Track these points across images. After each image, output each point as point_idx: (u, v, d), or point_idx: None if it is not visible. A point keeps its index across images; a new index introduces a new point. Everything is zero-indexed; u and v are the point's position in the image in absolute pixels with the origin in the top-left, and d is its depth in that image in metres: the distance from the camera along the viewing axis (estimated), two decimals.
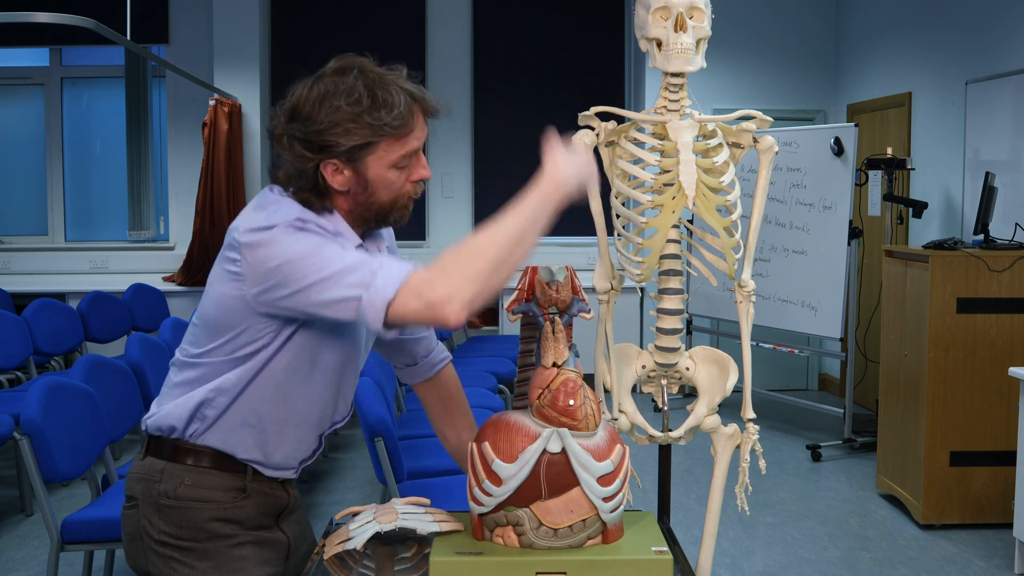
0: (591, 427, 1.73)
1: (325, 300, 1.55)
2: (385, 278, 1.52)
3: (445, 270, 1.51)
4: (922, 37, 5.90)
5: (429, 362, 2.04)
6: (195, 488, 1.72)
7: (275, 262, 1.58)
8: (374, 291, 1.51)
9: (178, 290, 6.84)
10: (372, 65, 1.69)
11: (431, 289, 1.49)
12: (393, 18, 7.44)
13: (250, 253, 1.60)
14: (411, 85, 1.70)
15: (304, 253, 1.57)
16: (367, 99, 1.63)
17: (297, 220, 1.61)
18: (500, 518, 1.73)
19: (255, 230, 1.61)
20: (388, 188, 1.69)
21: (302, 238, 1.59)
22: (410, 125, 1.67)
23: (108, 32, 4.50)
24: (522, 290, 1.84)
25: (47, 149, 7.47)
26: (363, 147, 1.64)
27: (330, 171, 1.66)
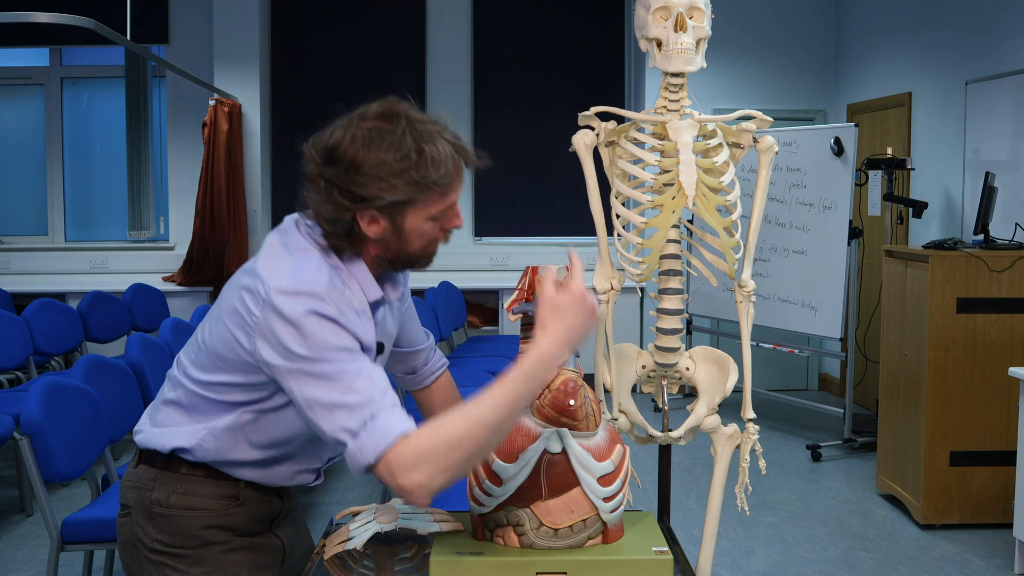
0: (591, 427, 1.73)
1: (319, 424, 1.55)
2: (372, 438, 1.50)
3: (423, 458, 1.48)
4: (922, 37, 5.90)
5: (428, 370, 2.05)
6: (187, 496, 1.72)
7: (294, 346, 1.54)
8: (357, 448, 1.51)
9: (178, 290, 6.85)
10: (417, 112, 1.62)
11: (406, 475, 1.47)
12: (393, 18, 7.44)
13: (273, 319, 1.55)
14: (453, 136, 1.64)
15: (321, 357, 1.53)
16: (415, 154, 1.57)
17: (327, 293, 1.56)
18: (500, 518, 1.73)
19: (284, 293, 1.55)
20: (421, 238, 1.66)
21: (324, 333, 1.54)
22: (455, 182, 1.64)
23: (108, 32, 4.50)
24: (522, 290, 1.84)
25: (47, 149, 7.47)
26: (405, 203, 1.60)
27: (366, 220, 1.61)
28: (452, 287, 6.52)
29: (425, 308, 5.63)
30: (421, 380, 2.06)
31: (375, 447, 1.49)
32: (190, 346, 1.76)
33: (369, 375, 1.55)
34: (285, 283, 1.56)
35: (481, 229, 7.52)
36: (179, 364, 1.77)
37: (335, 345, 1.54)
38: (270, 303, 1.55)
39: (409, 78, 7.42)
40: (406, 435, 1.49)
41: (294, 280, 1.57)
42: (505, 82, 7.50)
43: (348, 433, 1.51)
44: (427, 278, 6.75)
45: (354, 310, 1.60)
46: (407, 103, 1.64)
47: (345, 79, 7.35)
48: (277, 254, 1.64)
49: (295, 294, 1.55)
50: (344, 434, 1.51)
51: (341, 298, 1.58)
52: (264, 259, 1.64)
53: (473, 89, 7.50)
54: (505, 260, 7.43)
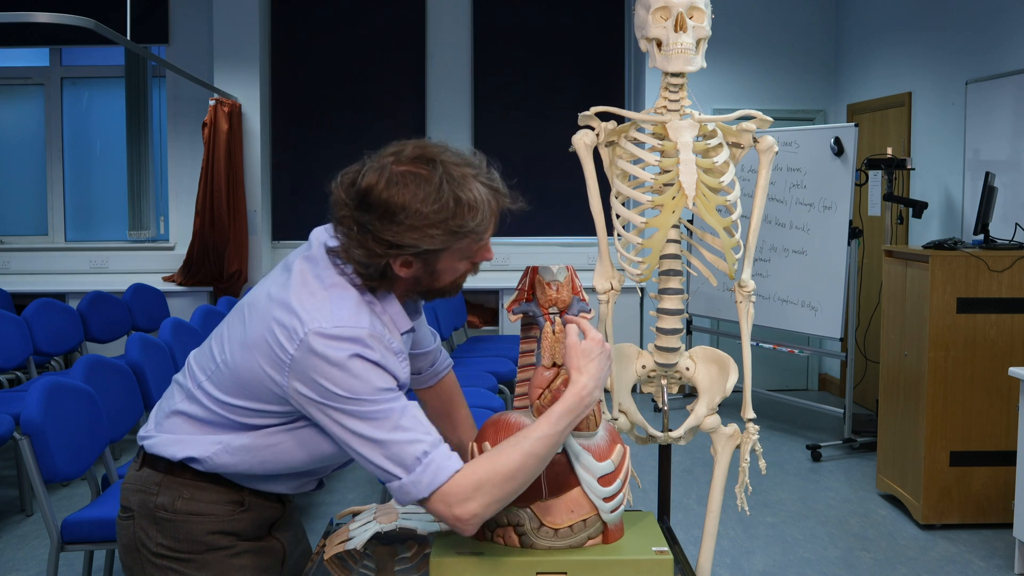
0: (591, 427, 1.73)
1: (364, 455, 1.57)
2: (429, 475, 1.55)
3: (481, 490, 1.56)
4: (922, 37, 5.90)
5: (434, 371, 2.06)
6: (193, 502, 1.70)
7: (337, 389, 1.54)
8: (411, 483, 1.55)
9: (178, 290, 6.85)
10: (451, 155, 1.61)
11: (463, 506, 1.55)
12: (393, 18, 7.44)
13: (312, 361, 1.54)
14: (487, 178, 1.64)
15: (371, 399, 1.54)
16: (452, 203, 1.56)
17: (369, 337, 1.55)
18: (500, 518, 1.73)
19: (325, 337, 1.54)
20: (453, 274, 1.69)
21: (373, 377, 1.55)
22: (490, 225, 1.65)
23: (108, 32, 4.50)
24: (522, 290, 1.84)
25: (47, 149, 7.47)
26: (441, 250, 1.61)
27: (399, 264, 1.61)
28: None
29: (425, 308, 5.59)
30: (426, 380, 2.06)
31: (430, 483, 1.55)
32: (205, 358, 1.72)
33: (413, 413, 1.58)
34: (326, 325, 1.55)
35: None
36: (191, 375, 1.73)
37: (378, 387, 1.55)
38: (308, 345, 1.54)
39: (409, 78, 7.42)
40: (460, 470, 1.56)
41: (335, 322, 1.55)
42: (505, 82, 7.50)
43: (402, 468, 1.55)
44: None
45: (393, 352, 1.60)
46: (440, 145, 1.63)
47: (345, 79, 7.35)
48: (312, 289, 1.61)
49: (338, 339, 1.54)
50: (397, 469, 1.55)
51: (381, 341, 1.58)
52: (298, 293, 1.60)
53: (473, 89, 7.50)
54: (505, 260, 7.43)
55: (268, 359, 1.58)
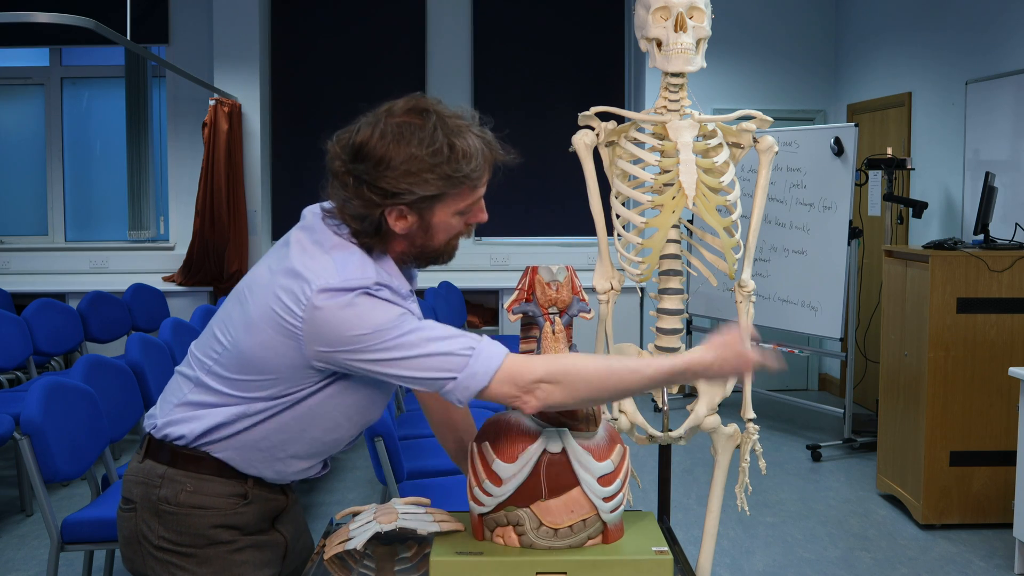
0: (591, 427, 1.73)
1: (412, 376, 1.57)
2: (483, 363, 1.55)
3: (549, 371, 1.57)
4: (922, 37, 5.90)
5: None
6: (196, 495, 1.70)
7: (359, 331, 1.54)
8: (468, 375, 1.55)
9: (178, 290, 6.84)
10: (445, 108, 1.63)
11: (524, 377, 1.57)
12: (393, 18, 7.44)
13: (323, 316, 1.54)
14: (480, 130, 1.65)
15: (393, 325, 1.55)
16: (447, 148, 1.57)
17: (377, 286, 1.57)
18: (500, 518, 1.73)
19: (332, 291, 1.54)
20: (447, 232, 1.68)
21: (388, 309, 1.56)
22: (485, 176, 1.65)
23: (108, 32, 4.50)
24: (522, 290, 1.84)
25: (47, 149, 7.47)
26: (436, 197, 1.60)
27: (394, 216, 1.61)
28: (452, 287, 6.52)
29: (425, 308, 5.63)
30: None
31: (489, 368, 1.55)
32: (209, 344, 1.71)
33: (440, 326, 1.58)
34: (332, 281, 1.55)
35: (481, 229, 7.51)
36: (197, 363, 1.72)
37: (395, 315, 1.56)
38: (314, 304, 1.54)
39: (409, 78, 7.41)
40: (515, 355, 1.57)
41: (342, 278, 1.56)
42: (505, 82, 7.50)
43: (454, 369, 1.55)
44: (427, 278, 6.75)
45: (402, 296, 1.62)
46: (433, 99, 1.64)
47: (345, 79, 7.35)
48: (313, 253, 1.62)
49: (344, 291, 1.54)
50: (449, 371, 1.56)
51: (390, 288, 1.60)
52: (300, 259, 1.61)
53: (473, 89, 7.50)
54: (505, 260, 7.43)
55: (279, 329, 1.58)
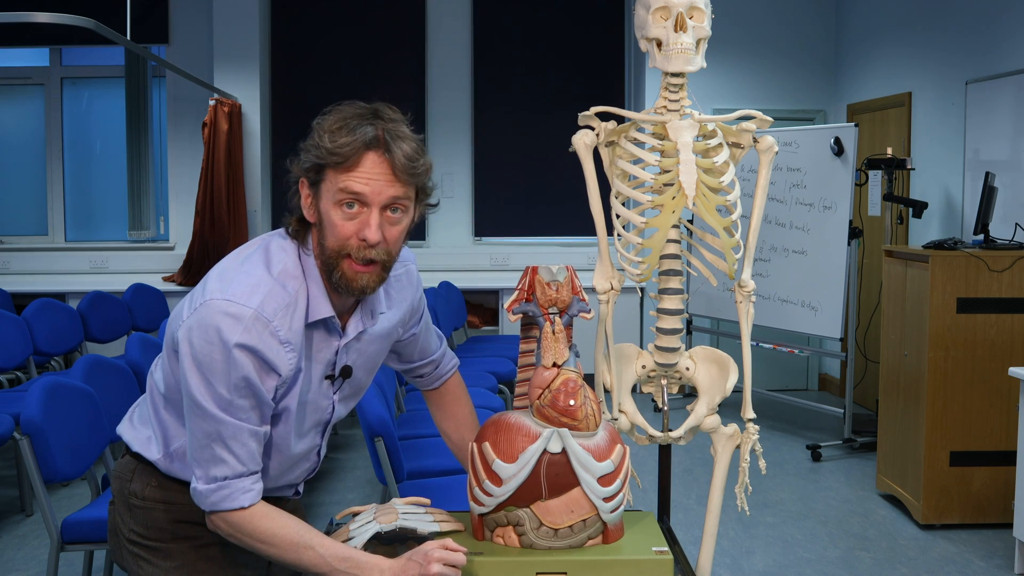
0: (591, 427, 1.73)
1: (188, 437, 1.63)
2: (217, 497, 1.61)
3: (240, 533, 1.63)
4: (922, 37, 5.90)
5: (438, 373, 2.06)
6: (160, 490, 1.74)
7: (198, 355, 1.57)
8: (204, 491, 1.62)
9: (178, 290, 6.84)
10: (390, 112, 1.63)
11: (217, 529, 1.65)
12: (393, 18, 7.44)
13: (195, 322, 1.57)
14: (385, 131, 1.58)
15: (213, 395, 1.57)
16: (337, 126, 1.57)
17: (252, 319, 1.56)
18: (500, 518, 1.73)
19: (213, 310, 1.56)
20: (332, 231, 1.59)
21: (233, 368, 1.55)
22: (353, 162, 1.56)
23: (108, 32, 4.50)
24: (522, 290, 1.84)
25: (47, 149, 7.47)
26: (315, 170, 1.59)
27: (303, 193, 1.63)
28: (452, 287, 6.52)
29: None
30: (431, 382, 2.06)
31: (214, 504, 1.62)
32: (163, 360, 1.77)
33: (242, 436, 1.60)
34: (218, 297, 1.57)
35: (481, 229, 7.52)
36: (153, 380, 1.80)
37: (232, 380, 1.56)
38: (199, 313, 1.57)
39: (409, 78, 7.42)
40: (244, 509, 1.61)
41: (227, 295, 1.57)
42: (505, 82, 7.50)
43: (204, 477, 1.61)
44: (427, 278, 6.71)
45: (277, 339, 1.58)
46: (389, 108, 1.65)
47: (345, 79, 7.34)
48: (232, 263, 1.66)
49: (222, 313, 1.55)
50: (200, 475, 1.61)
51: (265, 327, 1.57)
52: (217, 269, 1.66)
53: (473, 89, 7.50)
54: (505, 260, 7.43)
55: (170, 333, 1.65)
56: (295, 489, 1.88)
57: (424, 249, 7.30)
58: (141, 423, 1.79)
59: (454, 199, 7.44)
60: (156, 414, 1.75)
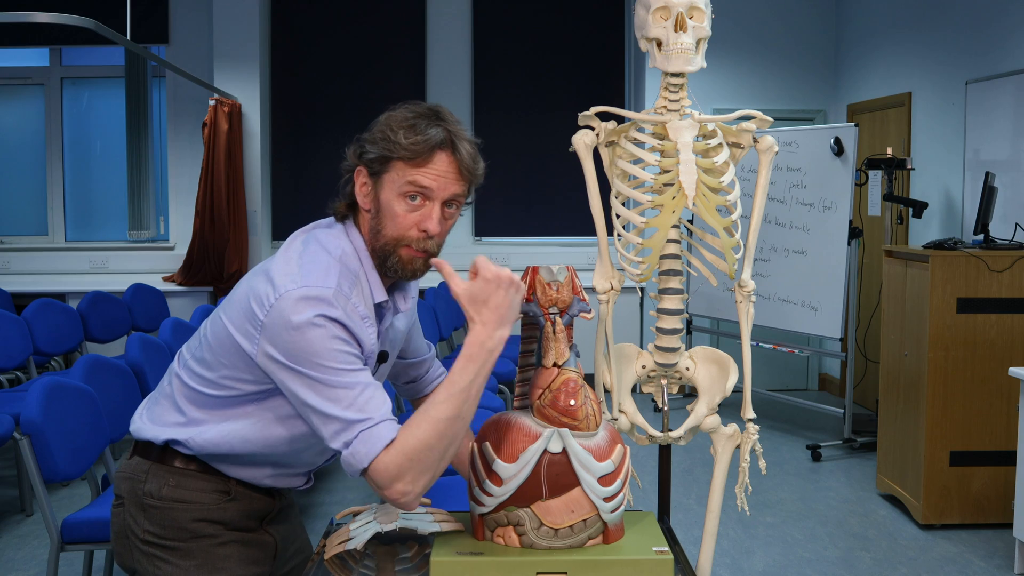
0: (592, 427, 1.73)
1: (314, 425, 1.61)
2: (365, 447, 1.57)
3: (401, 467, 1.56)
4: (922, 37, 5.91)
5: (427, 379, 2.08)
6: (179, 489, 1.74)
7: (296, 352, 1.57)
8: (351, 454, 1.58)
9: (178, 290, 6.85)
10: (450, 115, 1.72)
11: (392, 485, 1.57)
12: (393, 18, 7.44)
13: (278, 317, 1.58)
14: (453, 132, 1.68)
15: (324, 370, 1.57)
16: (410, 122, 1.65)
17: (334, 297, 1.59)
18: (501, 518, 1.73)
19: (295, 299, 1.57)
20: (393, 220, 1.67)
21: (328, 345, 1.57)
22: (425, 159, 1.65)
23: (108, 32, 4.50)
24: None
25: (47, 149, 7.47)
26: (380, 161, 1.66)
27: (360, 181, 1.70)
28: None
29: (425, 308, 5.63)
30: (421, 389, 2.09)
31: (367, 454, 1.56)
32: (194, 339, 1.78)
33: (368, 392, 1.60)
34: (292, 288, 1.59)
35: (481, 229, 7.52)
36: (180, 358, 1.79)
37: (338, 351, 1.58)
38: (277, 309, 1.58)
39: (409, 78, 7.42)
40: (390, 444, 1.57)
41: (303, 283, 1.59)
42: (505, 82, 7.50)
43: (343, 444, 1.58)
44: (427, 278, 6.72)
45: (359, 315, 1.63)
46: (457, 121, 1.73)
47: (345, 79, 7.35)
48: (290, 257, 1.67)
49: (304, 299, 1.57)
50: (339, 443, 1.58)
51: (347, 303, 1.61)
52: (277, 262, 1.67)
53: (473, 89, 7.50)
54: (505, 260, 7.43)
55: (241, 329, 1.63)
56: (309, 476, 1.88)
57: None
58: (165, 414, 1.76)
59: None
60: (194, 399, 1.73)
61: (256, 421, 1.71)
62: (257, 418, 1.71)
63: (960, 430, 4.24)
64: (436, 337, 5.70)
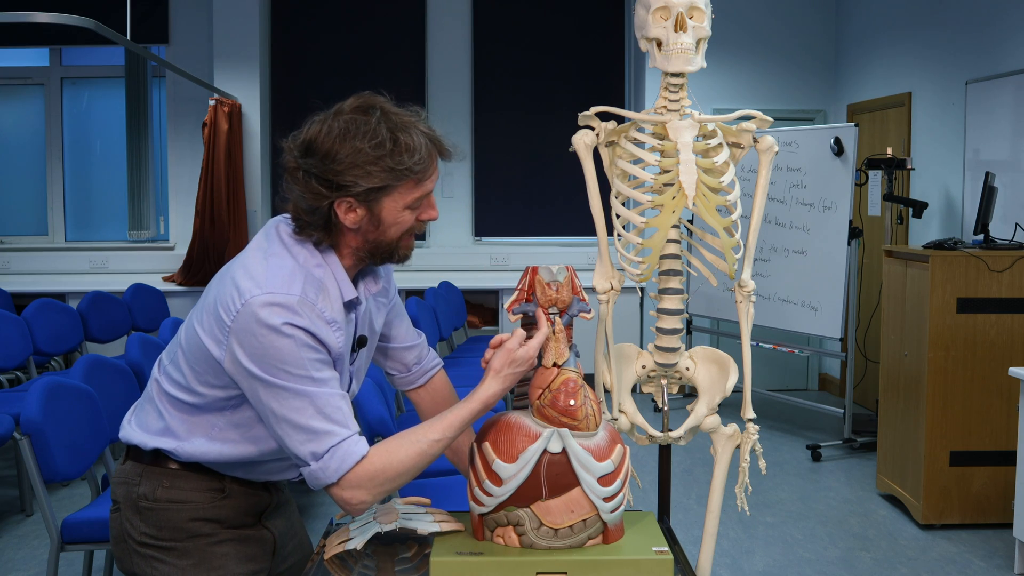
0: (592, 427, 1.73)
1: (280, 437, 1.62)
2: (335, 461, 1.60)
3: (373, 480, 1.62)
4: (922, 37, 5.91)
5: (421, 369, 2.05)
6: (173, 490, 1.74)
7: (262, 360, 1.58)
8: (320, 468, 1.60)
9: (178, 290, 6.85)
10: (392, 106, 1.67)
11: (353, 492, 1.61)
12: (393, 18, 7.44)
13: (244, 324, 1.58)
14: (428, 128, 1.68)
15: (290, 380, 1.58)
16: (389, 143, 1.61)
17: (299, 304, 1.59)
18: (501, 518, 1.73)
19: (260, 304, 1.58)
20: (398, 227, 1.69)
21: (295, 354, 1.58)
22: (429, 170, 1.67)
23: (108, 32, 4.50)
24: (522, 290, 1.84)
25: (47, 149, 7.47)
26: (381, 189, 1.63)
27: (343, 209, 1.65)
28: (452, 287, 6.52)
29: (425, 308, 5.63)
30: (415, 379, 2.06)
31: (338, 470, 1.60)
32: (172, 343, 1.78)
33: (334, 401, 1.61)
34: (257, 293, 1.59)
35: (481, 229, 7.52)
36: (160, 363, 1.80)
37: (306, 358, 1.59)
38: (243, 315, 1.58)
39: (409, 78, 7.42)
40: (364, 457, 1.61)
41: (267, 289, 1.59)
42: (505, 82, 7.50)
43: (312, 456, 1.60)
44: (427, 278, 6.74)
45: (325, 320, 1.63)
46: (383, 97, 1.68)
47: (345, 79, 7.34)
48: (255, 260, 1.66)
49: (269, 305, 1.58)
50: (308, 455, 1.60)
51: (313, 310, 1.61)
52: (243, 265, 1.66)
53: (473, 89, 7.50)
54: (505, 260, 7.43)
55: (210, 335, 1.63)
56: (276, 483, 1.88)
57: (424, 249, 7.30)
58: (149, 419, 1.77)
59: (454, 199, 7.44)
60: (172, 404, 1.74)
61: (240, 430, 1.71)
62: (240, 427, 1.71)
63: (960, 430, 4.24)
64: (436, 337, 5.70)
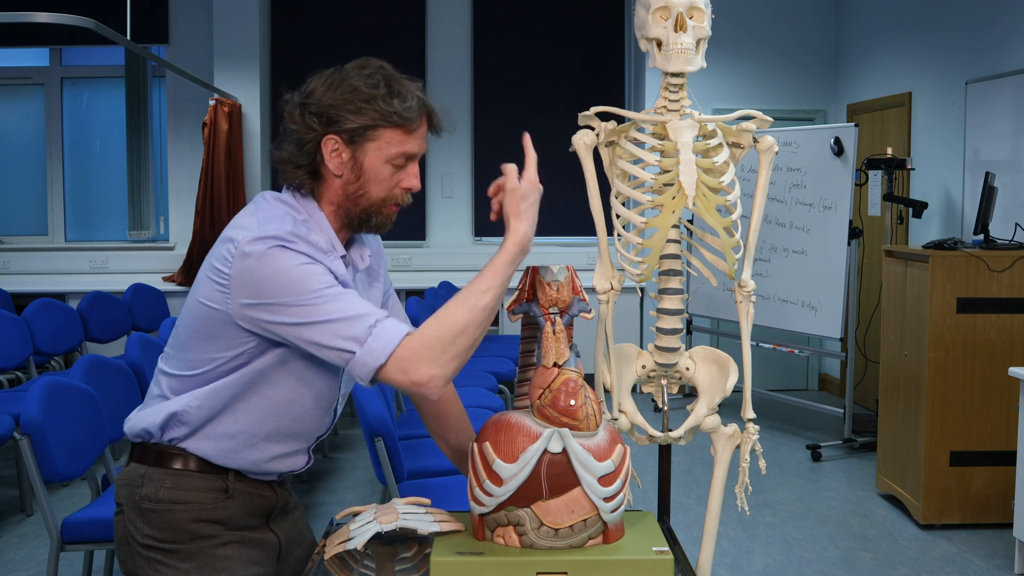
0: (592, 427, 1.73)
1: (317, 342, 1.58)
2: (381, 341, 1.56)
3: (431, 348, 1.57)
4: (922, 37, 5.91)
5: None
6: (175, 491, 1.73)
7: (271, 283, 1.57)
8: (367, 351, 1.56)
9: (178, 290, 6.84)
10: (393, 70, 1.73)
11: (417, 369, 1.56)
12: (393, 18, 7.44)
13: (242, 263, 1.59)
14: (422, 92, 1.74)
15: (304, 285, 1.57)
16: (384, 86, 1.67)
17: (291, 235, 1.60)
18: (501, 518, 1.73)
19: (252, 241, 1.59)
20: (379, 184, 1.70)
21: (300, 264, 1.58)
22: (416, 124, 1.69)
23: (108, 32, 4.50)
24: (522, 290, 1.84)
25: (47, 149, 7.47)
26: (368, 129, 1.66)
27: (329, 149, 1.68)
28: (452, 287, 6.52)
29: (425, 308, 5.63)
30: None
31: (384, 348, 1.55)
32: (171, 336, 1.80)
33: (354, 297, 1.61)
34: (251, 233, 1.61)
35: (481, 229, 7.52)
36: (161, 356, 1.82)
37: (312, 274, 1.59)
38: (239, 255, 1.59)
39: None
40: (411, 333, 1.58)
41: (260, 228, 1.61)
42: (505, 82, 7.50)
43: (355, 341, 1.56)
44: (427, 278, 6.74)
45: (321, 250, 1.64)
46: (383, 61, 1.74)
47: None
48: (242, 218, 1.69)
49: (259, 239, 1.59)
50: (350, 343, 1.56)
51: (305, 239, 1.62)
52: (232, 224, 1.68)
53: (473, 89, 7.50)
54: None
55: (212, 298, 1.64)
56: (309, 455, 1.86)
57: (424, 249, 7.31)
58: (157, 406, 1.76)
59: (454, 199, 7.44)
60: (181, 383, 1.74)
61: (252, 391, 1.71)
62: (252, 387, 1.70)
63: (960, 430, 4.24)
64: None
